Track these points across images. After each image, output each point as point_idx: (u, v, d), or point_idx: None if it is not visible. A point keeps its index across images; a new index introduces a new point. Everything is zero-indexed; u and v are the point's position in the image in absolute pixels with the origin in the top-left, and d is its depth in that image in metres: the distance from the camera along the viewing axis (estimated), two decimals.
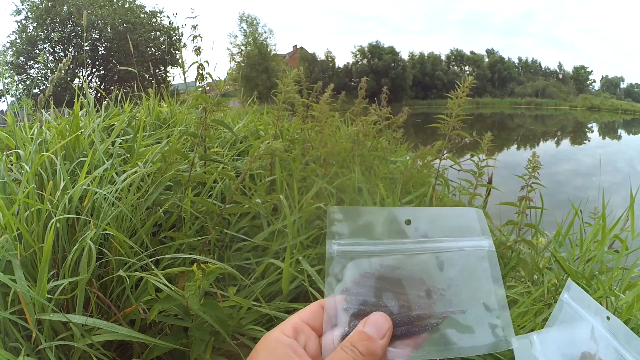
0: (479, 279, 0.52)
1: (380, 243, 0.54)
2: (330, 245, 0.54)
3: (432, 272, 0.52)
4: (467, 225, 0.55)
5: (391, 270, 0.52)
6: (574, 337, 0.52)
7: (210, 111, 1.75)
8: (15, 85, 19.28)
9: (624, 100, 51.94)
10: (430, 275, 0.52)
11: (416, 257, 0.53)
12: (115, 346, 1.38)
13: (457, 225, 0.55)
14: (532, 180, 1.98)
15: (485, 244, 0.54)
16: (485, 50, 58.96)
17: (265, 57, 36.18)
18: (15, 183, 1.66)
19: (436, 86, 52.26)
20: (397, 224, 0.55)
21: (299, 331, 0.50)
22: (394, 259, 0.53)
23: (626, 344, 0.50)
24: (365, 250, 0.54)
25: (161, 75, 27.40)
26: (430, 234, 0.54)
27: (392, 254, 0.53)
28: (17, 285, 1.14)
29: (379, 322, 0.48)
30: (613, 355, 0.50)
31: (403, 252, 0.53)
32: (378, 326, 0.48)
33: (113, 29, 27.09)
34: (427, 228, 0.55)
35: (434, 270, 0.52)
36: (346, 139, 2.49)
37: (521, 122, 40.00)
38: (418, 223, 0.55)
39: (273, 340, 0.49)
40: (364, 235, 0.54)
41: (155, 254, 1.49)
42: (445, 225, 0.55)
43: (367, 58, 51.57)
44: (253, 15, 39.64)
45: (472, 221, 0.55)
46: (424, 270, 0.52)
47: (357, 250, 0.54)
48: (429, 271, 0.52)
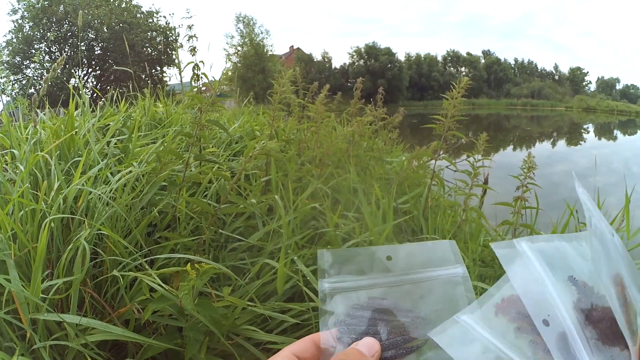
0: (456, 301, 0.56)
1: (366, 278, 0.59)
2: (322, 283, 0.59)
3: (415, 300, 0.57)
4: (442, 256, 0.60)
5: (378, 301, 0.57)
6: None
7: (205, 111, 1.74)
8: (11, 84, 19.21)
9: (619, 102, 52.04)
10: (413, 302, 0.57)
11: (399, 287, 0.58)
12: (110, 346, 1.38)
13: (433, 257, 0.60)
14: (527, 181, 1.99)
15: (460, 271, 0.58)
16: (482, 51, 59.06)
17: (261, 57, 36.15)
18: (10, 183, 1.66)
19: (432, 87, 52.20)
20: (380, 260, 0.60)
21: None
22: (380, 291, 0.58)
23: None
24: (354, 286, 0.58)
25: (157, 75, 27.29)
26: (410, 267, 0.59)
27: (377, 287, 0.58)
28: (12, 285, 1.14)
29: (370, 343, 0.52)
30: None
31: (387, 284, 0.58)
32: (369, 347, 0.52)
33: (109, 28, 27.01)
34: (406, 262, 0.60)
35: (415, 298, 0.57)
36: (342, 140, 2.50)
37: (517, 123, 40.05)
38: (398, 258, 0.60)
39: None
40: (352, 272, 0.60)
41: (150, 254, 1.49)
42: (422, 258, 0.60)
43: (363, 59, 51.54)
44: (250, 15, 39.63)
45: (447, 252, 0.60)
46: (407, 299, 0.57)
47: (346, 286, 0.59)
48: (411, 299, 0.57)
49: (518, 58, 60.51)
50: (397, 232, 2.01)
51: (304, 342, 0.55)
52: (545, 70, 60.10)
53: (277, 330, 1.46)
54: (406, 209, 2.24)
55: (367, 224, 1.80)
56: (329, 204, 1.93)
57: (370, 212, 1.86)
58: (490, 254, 2.06)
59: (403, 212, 2.17)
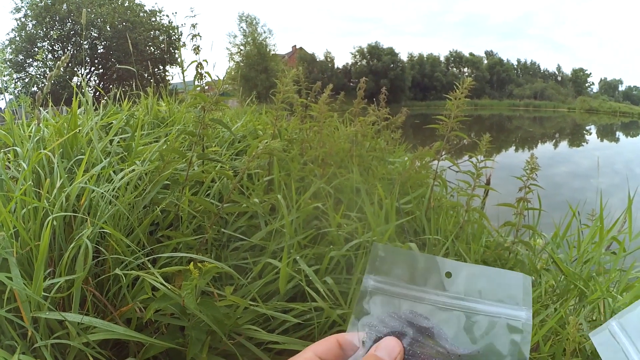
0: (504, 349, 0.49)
1: (415, 289, 0.53)
2: (367, 279, 0.54)
3: (458, 332, 0.51)
4: (509, 291, 0.53)
5: (419, 318, 0.51)
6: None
7: (208, 110, 1.74)
8: (14, 83, 19.26)
9: (622, 103, 51.97)
10: (456, 334, 0.51)
11: (447, 312, 0.52)
12: (111, 345, 1.38)
13: (499, 289, 0.53)
14: (530, 182, 1.99)
15: (523, 316, 0.51)
16: (484, 52, 58.97)
17: (264, 57, 36.18)
18: (13, 180, 1.66)
19: (435, 87, 52.20)
20: (437, 274, 0.54)
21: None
22: (425, 308, 0.52)
23: None
24: (399, 292, 0.53)
25: (160, 74, 27.37)
26: (468, 292, 0.53)
27: (424, 302, 0.52)
28: (13, 283, 1.14)
29: (390, 346, 0.48)
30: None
31: (436, 303, 0.52)
32: (389, 350, 0.48)
33: (112, 27, 27.06)
34: (466, 285, 0.53)
35: (460, 330, 0.51)
36: (344, 140, 2.49)
37: (519, 124, 40.06)
38: (458, 278, 0.54)
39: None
40: (402, 277, 0.54)
41: (152, 252, 1.49)
42: (486, 286, 0.53)
43: (366, 59, 51.55)
44: (252, 15, 39.64)
45: (516, 288, 0.53)
46: (451, 327, 0.51)
47: (391, 290, 0.53)
48: (455, 330, 0.51)
49: (521, 59, 60.42)
50: (399, 232, 2.01)
51: (327, 342, 0.52)
52: (547, 72, 60.03)
53: (279, 330, 1.46)
54: (408, 209, 2.23)
55: (370, 224, 1.80)
56: (331, 203, 1.93)
57: (373, 212, 1.86)
58: (493, 255, 2.06)
59: (405, 213, 2.17)
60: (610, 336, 0.51)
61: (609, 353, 0.51)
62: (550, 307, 1.63)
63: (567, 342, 1.35)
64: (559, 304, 1.66)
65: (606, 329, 0.52)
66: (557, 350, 1.40)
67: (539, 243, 2.25)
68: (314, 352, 0.50)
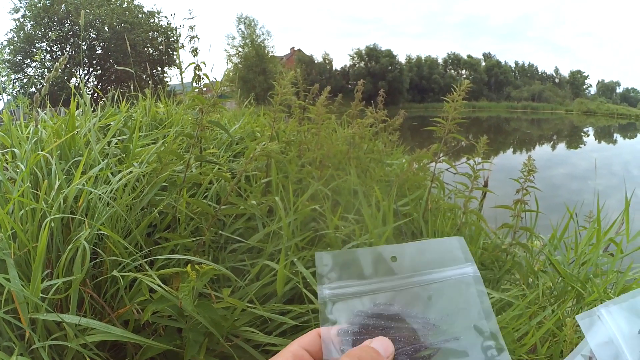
0: (468, 304, 0.53)
1: (369, 282, 0.55)
2: (322, 290, 0.55)
3: (423, 305, 0.53)
4: (451, 255, 0.56)
5: (384, 307, 0.53)
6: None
7: (206, 112, 1.75)
8: (12, 83, 19.22)
9: (619, 105, 52.11)
10: (422, 308, 0.53)
11: (406, 291, 0.54)
12: (109, 346, 1.38)
13: (441, 256, 0.56)
14: (527, 184, 1.99)
15: (470, 270, 0.55)
16: (482, 54, 59.12)
17: (262, 58, 36.19)
18: (10, 182, 1.66)
19: (433, 89, 52.30)
20: (383, 262, 0.56)
21: (299, 357, 0.51)
22: (386, 296, 0.54)
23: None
24: (356, 291, 0.54)
25: (158, 75, 27.31)
26: (416, 268, 0.55)
27: (382, 292, 0.54)
28: (11, 285, 1.14)
29: (385, 343, 0.50)
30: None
31: (392, 288, 0.54)
32: (384, 346, 0.49)
33: (111, 28, 27.03)
34: (412, 263, 0.56)
35: (424, 303, 0.53)
36: (342, 142, 2.50)
37: (517, 126, 40.14)
38: (403, 259, 0.56)
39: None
40: (353, 276, 0.55)
41: (150, 254, 1.49)
42: (429, 257, 0.56)
43: (364, 61, 51.64)
44: (251, 16, 39.60)
45: (455, 250, 0.56)
46: (415, 303, 0.53)
47: (348, 292, 0.54)
48: (419, 304, 0.53)
49: (518, 61, 60.55)
50: (397, 234, 2.01)
51: (310, 335, 0.53)
52: (545, 73, 60.21)
53: (276, 332, 1.46)
54: (406, 211, 2.24)
55: (367, 226, 1.80)
56: (329, 205, 1.93)
57: (371, 214, 1.87)
58: (490, 257, 2.06)
59: (403, 215, 2.17)
60: (599, 322, 0.53)
61: (595, 338, 0.53)
62: (548, 308, 1.64)
63: (564, 344, 1.35)
64: (557, 305, 1.66)
65: (595, 315, 0.54)
66: (555, 352, 1.41)
67: (536, 245, 2.25)
68: (300, 345, 0.52)
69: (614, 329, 0.52)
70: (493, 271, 1.98)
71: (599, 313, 0.53)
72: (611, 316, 0.52)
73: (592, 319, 0.53)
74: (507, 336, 1.40)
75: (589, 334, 0.53)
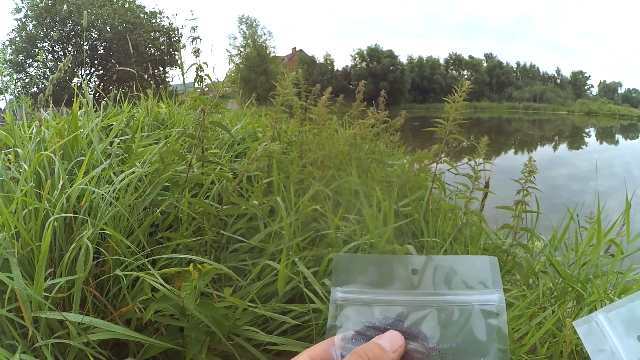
0: (483, 336, 0.50)
1: (384, 293, 0.53)
2: (335, 292, 0.54)
3: (434, 328, 0.51)
4: (478, 277, 0.53)
5: (392, 322, 0.51)
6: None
7: (208, 113, 1.75)
8: (14, 83, 19.24)
9: (621, 106, 52.00)
10: (432, 331, 0.51)
11: (420, 310, 0.52)
12: (111, 345, 1.39)
13: (468, 277, 0.53)
14: (528, 185, 1.99)
15: (495, 299, 0.52)
16: (484, 54, 59.10)
17: (264, 59, 36.18)
18: (14, 181, 1.67)
19: (434, 90, 52.23)
20: (403, 273, 0.54)
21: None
22: (397, 311, 0.52)
23: None
24: (369, 300, 0.53)
25: (160, 75, 27.38)
26: (437, 286, 0.53)
27: (395, 305, 0.52)
28: (15, 283, 1.14)
29: (393, 338, 0.49)
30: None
31: (406, 303, 0.52)
32: (392, 341, 0.49)
33: (112, 28, 27.07)
34: (434, 279, 0.53)
35: (436, 326, 0.51)
36: (343, 142, 2.50)
37: (519, 127, 40.07)
38: (425, 273, 0.54)
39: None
40: (369, 282, 0.54)
41: (152, 254, 1.49)
42: (454, 277, 0.53)
43: (365, 61, 51.60)
44: (252, 17, 39.56)
45: (484, 272, 0.53)
46: (426, 324, 0.51)
47: (360, 298, 0.53)
48: (431, 327, 0.51)
49: (520, 61, 60.49)
50: (397, 234, 2.02)
51: (322, 345, 0.52)
52: (547, 74, 60.15)
53: (277, 331, 1.47)
54: (407, 211, 2.24)
55: (368, 227, 1.80)
56: (330, 206, 1.93)
57: (372, 215, 1.87)
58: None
59: (404, 215, 2.18)
60: (597, 327, 0.53)
61: (593, 344, 0.52)
62: (548, 309, 1.64)
63: (564, 345, 1.35)
64: (557, 306, 1.66)
65: (593, 321, 0.53)
66: (555, 353, 1.41)
67: (537, 245, 2.25)
68: (309, 355, 0.51)
69: (611, 335, 0.51)
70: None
71: (596, 319, 0.53)
72: (609, 322, 0.52)
73: (590, 325, 0.53)
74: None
75: (586, 340, 0.53)
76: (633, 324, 0.51)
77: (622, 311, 0.52)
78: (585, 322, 0.54)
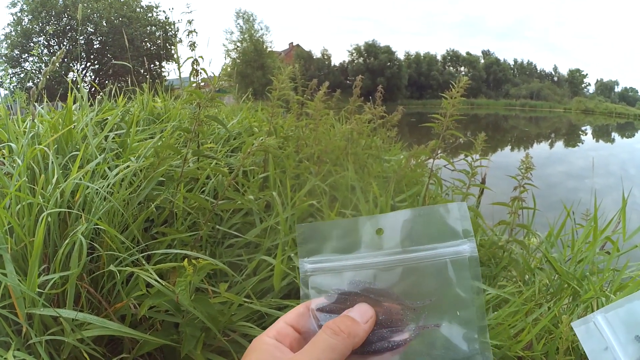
0: (457, 289, 0.48)
1: (352, 257, 0.52)
2: (303, 264, 0.52)
3: (406, 286, 0.49)
4: (447, 227, 0.51)
5: (363, 286, 0.50)
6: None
7: (204, 107, 1.74)
8: (9, 78, 19.17)
9: (618, 104, 52.20)
10: (404, 289, 0.49)
11: (389, 270, 0.50)
12: (106, 341, 1.38)
13: (436, 229, 0.51)
14: (524, 181, 1.99)
15: (467, 249, 0.49)
16: (481, 51, 59.13)
17: (261, 54, 36.09)
18: (7, 176, 1.65)
19: (432, 86, 52.24)
20: (368, 234, 0.52)
21: (284, 335, 0.50)
22: (366, 274, 0.51)
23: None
24: (337, 266, 0.51)
25: (156, 70, 27.29)
26: (404, 243, 0.51)
27: (364, 269, 0.51)
28: (8, 279, 1.13)
29: (363, 309, 0.49)
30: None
31: (375, 266, 0.51)
32: (362, 312, 0.48)
33: (108, 22, 26.94)
34: (401, 236, 0.51)
35: (408, 284, 0.49)
36: (340, 137, 2.50)
37: (515, 124, 40.13)
38: (391, 232, 0.51)
39: (258, 343, 0.49)
40: (336, 250, 0.52)
41: (147, 249, 1.49)
42: (421, 231, 0.51)
43: (363, 57, 51.57)
44: (249, 11, 39.46)
45: (454, 221, 0.51)
46: (398, 284, 0.50)
47: (328, 267, 0.52)
48: (403, 285, 0.49)
49: (517, 59, 60.58)
50: None
51: (297, 309, 0.52)
52: (544, 72, 60.30)
53: None
54: (403, 207, 2.24)
55: None
56: (326, 201, 1.93)
57: (368, 210, 1.87)
58: (487, 254, 2.06)
59: None
60: (595, 328, 0.53)
61: (591, 345, 0.52)
62: (544, 306, 1.64)
63: (560, 341, 1.35)
64: (553, 302, 1.67)
65: (591, 322, 0.53)
66: (550, 349, 1.41)
67: (533, 242, 2.26)
68: (285, 322, 0.51)
69: (610, 336, 0.51)
70: (490, 268, 1.98)
71: (594, 320, 0.53)
72: (607, 322, 0.52)
73: (588, 326, 0.53)
74: (503, 333, 1.41)
75: (584, 341, 0.53)
76: (631, 325, 0.51)
77: (621, 312, 0.52)
78: (584, 323, 0.54)
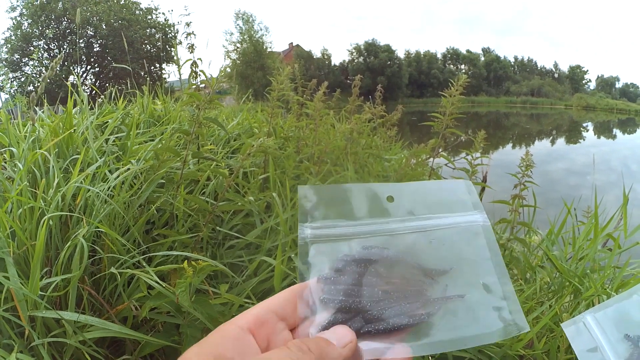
0: (475, 257, 0.46)
1: (360, 224, 0.47)
2: (303, 229, 0.46)
3: (422, 254, 0.45)
4: (457, 199, 0.49)
5: (374, 254, 0.45)
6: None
7: (203, 109, 1.74)
8: (10, 82, 19.15)
9: (619, 100, 52.07)
10: (420, 257, 0.45)
11: (402, 237, 0.46)
12: (108, 343, 1.39)
13: (446, 199, 0.49)
14: (525, 179, 1.99)
15: (479, 218, 0.48)
16: (481, 49, 59.03)
17: (260, 54, 36.10)
18: (9, 181, 1.66)
19: (432, 84, 52.19)
20: (378, 201, 0.48)
21: (262, 323, 0.42)
22: (377, 241, 0.46)
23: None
24: (344, 233, 0.46)
25: (156, 72, 27.28)
26: (416, 211, 0.48)
27: (374, 235, 0.46)
28: (10, 282, 1.14)
29: (340, 332, 0.41)
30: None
31: (387, 232, 0.46)
32: (339, 335, 0.40)
33: (108, 25, 26.99)
34: (412, 204, 0.48)
35: (423, 252, 0.45)
36: (340, 137, 2.50)
37: (516, 121, 40.10)
38: (402, 199, 0.49)
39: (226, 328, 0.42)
40: (341, 215, 0.47)
41: (148, 251, 1.49)
42: (432, 200, 0.49)
43: (363, 56, 51.53)
44: (249, 12, 39.47)
45: (462, 194, 0.50)
46: (412, 252, 0.45)
47: (333, 233, 0.46)
48: (418, 253, 0.45)
49: (518, 56, 60.50)
50: None
51: (283, 294, 0.44)
52: (545, 68, 60.16)
53: None
54: None
55: None
56: None
57: None
58: None
59: None
60: (585, 328, 0.53)
61: (581, 345, 0.52)
62: (545, 303, 1.64)
63: (561, 339, 1.36)
64: (554, 300, 1.67)
65: (580, 322, 0.53)
66: (552, 348, 1.41)
67: (534, 240, 2.26)
68: (267, 306, 0.43)
69: (599, 335, 0.52)
70: None
71: (584, 320, 0.53)
72: (596, 322, 0.52)
73: (577, 326, 0.53)
74: None
75: (574, 341, 0.53)
76: (621, 324, 0.51)
77: (609, 311, 0.52)
78: (573, 323, 0.54)
